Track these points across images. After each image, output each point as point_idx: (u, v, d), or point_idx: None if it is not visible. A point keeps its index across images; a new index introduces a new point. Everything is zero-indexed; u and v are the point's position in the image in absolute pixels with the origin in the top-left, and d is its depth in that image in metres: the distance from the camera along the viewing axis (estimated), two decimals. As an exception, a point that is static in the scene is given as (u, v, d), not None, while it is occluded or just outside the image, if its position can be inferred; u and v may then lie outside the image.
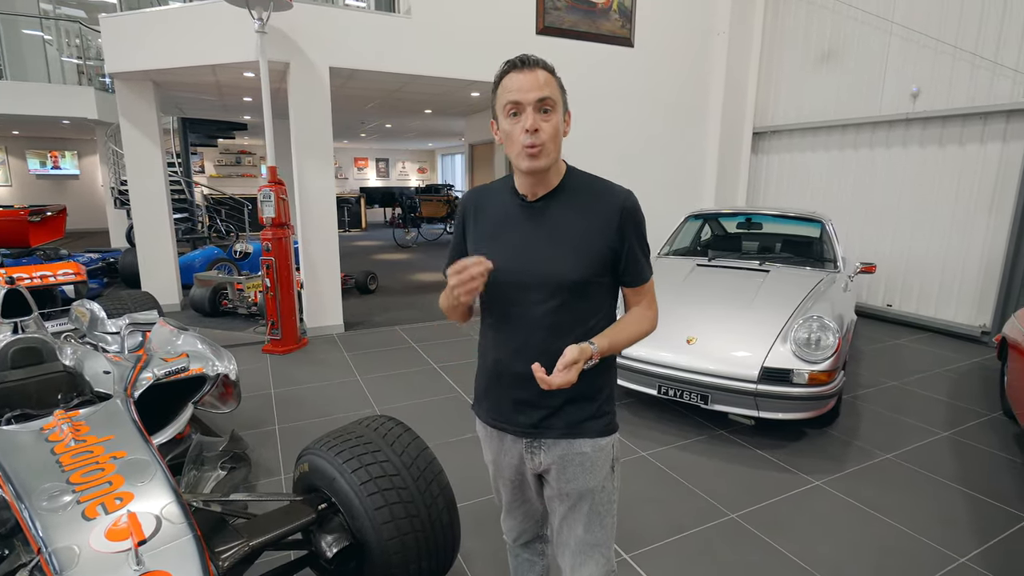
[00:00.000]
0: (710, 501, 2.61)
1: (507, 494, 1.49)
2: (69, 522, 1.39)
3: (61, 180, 15.07)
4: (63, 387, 2.51)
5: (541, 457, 1.32)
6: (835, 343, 2.99)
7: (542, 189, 1.26)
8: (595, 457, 1.31)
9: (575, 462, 1.30)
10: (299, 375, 4.24)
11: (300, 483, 1.88)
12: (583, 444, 1.30)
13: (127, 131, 5.59)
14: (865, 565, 2.18)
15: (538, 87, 1.16)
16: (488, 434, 1.42)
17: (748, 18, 6.90)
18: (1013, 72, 4.87)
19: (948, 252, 5.51)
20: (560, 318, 1.24)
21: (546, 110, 1.17)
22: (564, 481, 1.32)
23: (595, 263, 1.24)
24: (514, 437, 1.34)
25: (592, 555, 1.35)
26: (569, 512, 1.35)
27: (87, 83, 9.20)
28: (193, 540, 1.37)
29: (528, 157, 1.18)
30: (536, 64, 1.18)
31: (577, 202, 1.26)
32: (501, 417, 1.35)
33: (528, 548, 1.61)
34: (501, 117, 1.21)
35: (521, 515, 1.53)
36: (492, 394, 1.37)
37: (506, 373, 1.31)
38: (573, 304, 1.24)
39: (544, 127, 1.17)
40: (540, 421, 1.29)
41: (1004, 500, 2.64)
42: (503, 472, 1.43)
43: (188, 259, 6.96)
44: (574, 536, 1.35)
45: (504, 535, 1.61)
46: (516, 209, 1.29)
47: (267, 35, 4.40)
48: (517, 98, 1.16)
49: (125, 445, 1.76)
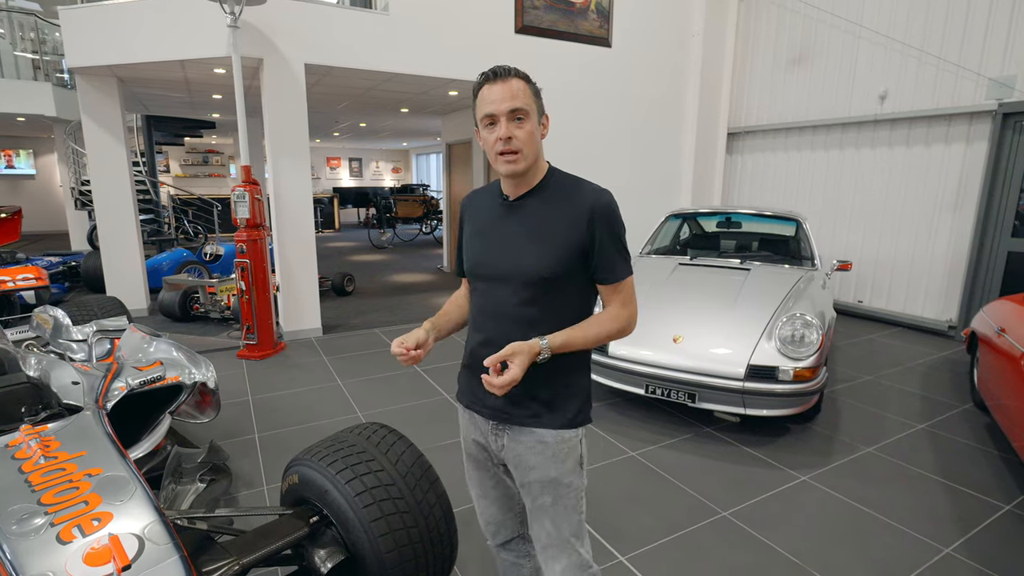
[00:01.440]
0: (701, 499, 2.62)
1: (475, 474, 1.51)
2: (43, 546, 1.30)
3: (15, 180, 14.38)
4: (27, 400, 2.35)
5: (504, 440, 1.37)
6: (819, 340, 3.04)
7: (522, 189, 1.33)
8: (557, 448, 1.33)
9: (535, 450, 1.34)
10: (277, 381, 4.12)
11: (289, 495, 1.80)
12: (544, 434, 1.33)
13: (89, 129, 5.34)
14: (855, 558, 2.21)
15: (511, 97, 1.22)
16: (463, 414, 1.50)
17: (722, 20, 7.00)
18: (976, 75, 5.05)
19: (916, 249, 5.69)
20: (530, 312, 1.29)
21: (519, 119, 1.24)
22: (524, 470, 1.36)
23: (565, 259, 1.27)
24: (482, 418, 1.41)
25: (564, 549, 1.37)
26: (534, 505, 1.38)
27: (43, 79, 8.78)
28: (180, 561, 1.29)
29: (505, 162, 1.26)
30: (508, 74, 1.24)
31: (553, 200, 1.31)
32: (475, 399, 1.41)
33: (509, 549, 1.59)
34: (480, 126, 1.29)
35: (497, 503, 1.52)
36: (467, 378, 1.45)
37: (477, 360, 1.34)
38: (544, 299, 1.29)
39: (518, 134, 1.23)
40: (503, 407, 1.34)
41: (982, 490, 2.72)
42: (470, 449, 1.49)
43: (155, 262, 6.69)
44: (544, 531, 1.38)
45: (485, 536, 1.59)
46: (499, 208, 1.37)
47: (240, 30, 4.26)
48: (491, 110, 1.23)
49: (100, 461, 1.66)
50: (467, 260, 1.43)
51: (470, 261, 1.41)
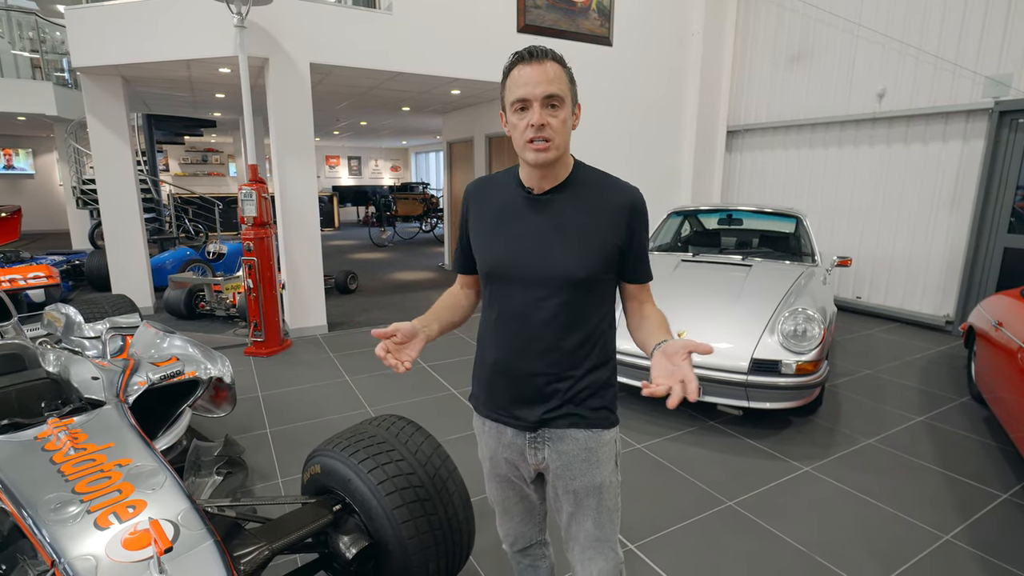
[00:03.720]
0: (707, 490, 2.68)
1: (500, 493, 1.45)
2: (81, 532, 1.35)
3: (15, 179, 14.35)
4: (46, 395, 2.40)
5: (545, 452, 1.29)
6: (820, 334, 3.10)
7: (549, 183, 1.23)
8: (600, 453, 1.29)
9: (580, 458, 1.28)
10: (286, 377, 4.16)
11: (311, 485, 1.85)
12: (587, 439, 1.28)
13: (95, 128, 5.36)
14: (858, 546, 2.27)
15: (546, 81, 1.13)
16: (486, 428, 1.38)
17: (721, 19, 7.05)
18: (972, 74, 5.12)
19: (913, 246, 5.76)
20: (565, 315, 1.22)
21: (554, 105, 1.14)
22: (569, 478, 1.30)
23: (602, 260, 1.22)
24: (516, 431, 1.31)
25: (602, 549, 1.36)
26: (577, 509, 1.33)
27: (42, 78, 8.79)
28: (215, 546, 1.34)
29: (534, 151, 1.15)
30: (545, 56, 1.14)
31: (585, 198, 1.24)
32: (503, 411, 1.31)
33: (527, 554, 1.57)
34: (509, 111, 1.19)
35: (519, 517, 1.49)
36: (494, 389, 1.32)
37: (509, 369, 1.28)
38: (579, 301, 1.23)
39: (552, 122, 1.14)
40: (544, 415, 1.27)
41: (981, 479, 2.79)
42: (499, 468, 1.39)
43: (159, 260, 6.73)
44: (584, 532, 1.34)
45: (502, 542, 1.57)
46: (521, 202, 1.25)
47: (246, 30, 4.30)
48: (524, 94, 1.13)
49: (128, 452, 1.71)
50: (484, 260, 1.29)
51: (489, 261, 1.28)
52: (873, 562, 2.18)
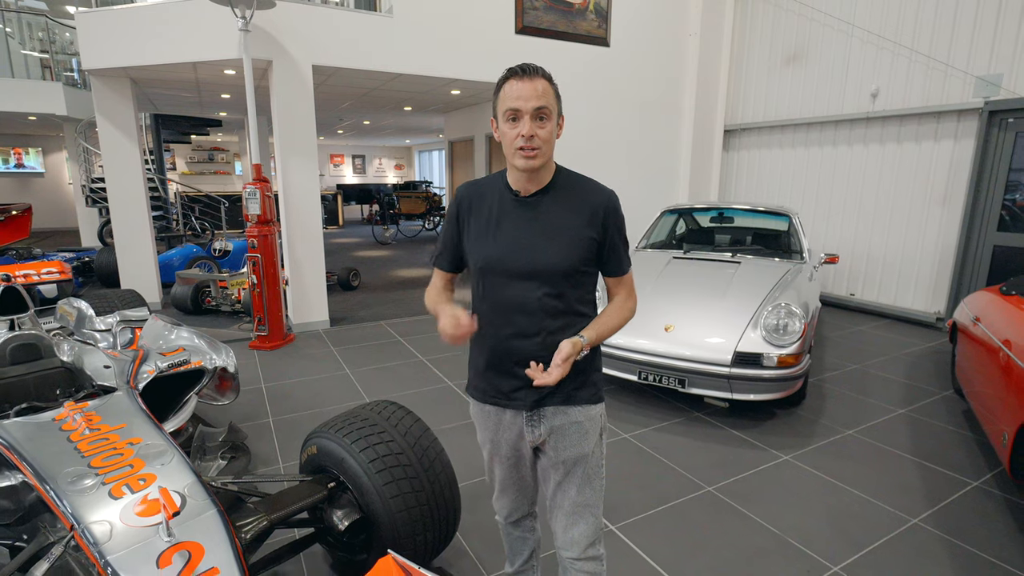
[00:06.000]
0: (688, 476, 2.80)
1: (502, 472, 1.58)
2: (98, 501, 1.48)
3: (25, 178, 14.59)
4: (61, 383, 2.55)
5: (541, 429, 1.44)
6: (801, 328, 3.21)
7: (534, 186, 1.39)
8: (588, 426, 1.45)
9: (571, 431, 1.44)
10: (288, 370, 4.31)
11: (308, 465, 1.98)
12: (577, 414, 1.44)
13: (104, 128, 5.53)
14: (829, 528, 2.39)
15: (536, 96, 1.28)
16: (485, 413, 1.51)
17: (718, 20, 7.14)
18: (963, 74, 5.19)
19: (906, 244, 5.84)
20: (554, 302, 1.38)
21: (542, 117, 1.30)
22: (561, 449, 1.45)
23: (583, 254, 1.38)
24: (515, 412, 1.46)
25: (584, 515, 1.49)
26: (564, 478, 1.48)
27: (52, 78, 8.97)
28: (218, 514, 1.48)
29: (524, 158, 1.31)
30: (536, 73, 1.30)
31: (566, 199, 1.40)
32: (502, 395, 1.46)
33: (519, 526, 1.71)
34: (501, 120, 1.34)
35: (514, 493, 1.62)
36: (492, 375, 1.46)
37: (507, 355, 1.42)
38: (564, 290, 1.39)
39: (540, 133, 1.30)
40: (539, 395, 1.42)
41: (953, 468, 2.89)
42: (500, 449, 1.53)
43: (166, 257, 6.89)
44: (568, 498, 1.48)
45: (496, 515, 1.71)
46: (510, 204, 1.41)
47: (250, 33, 4.43)
48: (516, 106, 1.29)
49: (139, 432, 1.84)
50: (478, 257, 1.43)
51: (483, 258, 1.41)
52: (841, 542, 2.29)
